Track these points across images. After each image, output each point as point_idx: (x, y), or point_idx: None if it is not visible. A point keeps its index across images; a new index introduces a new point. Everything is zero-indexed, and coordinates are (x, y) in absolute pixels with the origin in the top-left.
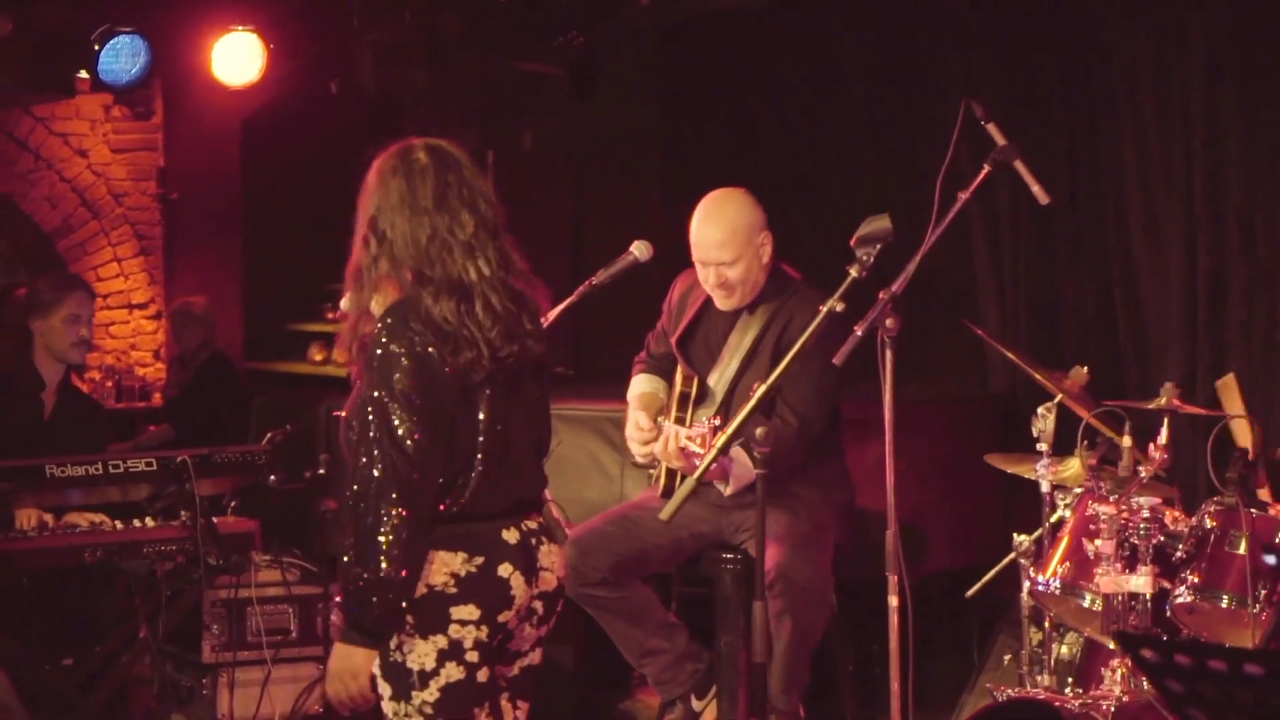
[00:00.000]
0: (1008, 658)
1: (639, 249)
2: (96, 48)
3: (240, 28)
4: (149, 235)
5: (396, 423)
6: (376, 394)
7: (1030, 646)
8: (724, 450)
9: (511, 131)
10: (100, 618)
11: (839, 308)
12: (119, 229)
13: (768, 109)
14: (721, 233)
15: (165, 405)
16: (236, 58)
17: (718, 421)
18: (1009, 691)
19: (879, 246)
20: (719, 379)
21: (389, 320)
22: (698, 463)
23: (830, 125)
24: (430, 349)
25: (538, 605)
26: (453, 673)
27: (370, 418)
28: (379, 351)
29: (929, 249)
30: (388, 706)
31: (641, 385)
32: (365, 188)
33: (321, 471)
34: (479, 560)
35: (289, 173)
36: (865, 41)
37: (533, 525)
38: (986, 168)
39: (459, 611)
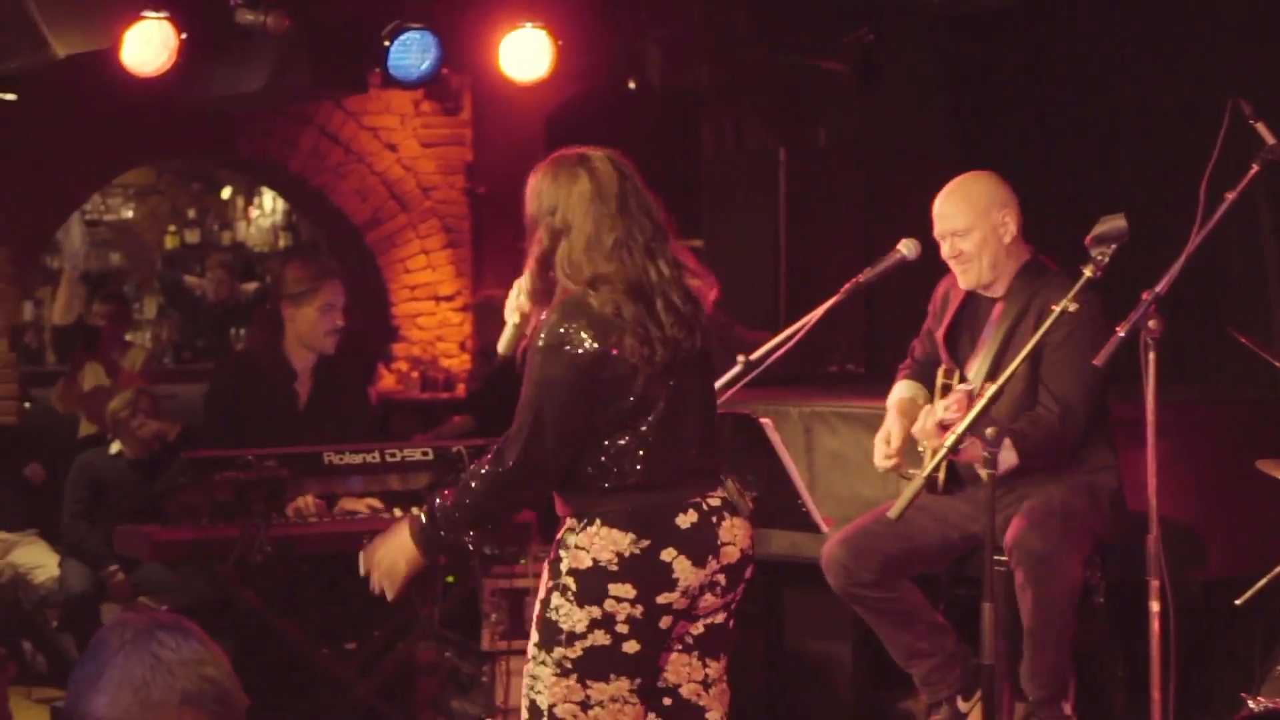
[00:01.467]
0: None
1: (906, 247)
2: (386, 44)
3: (529, 24)
4: (456, 229)
5: (547, 412)
6: (537, 381)
7: None
8: (953, 450)
9: (805, 129)
10: (381, 604)
11: (1071, 308)
12: (427, 222)
13: (1057, 104)
14: (956, 202)
15: (468, 397)
16: (526, 54)
17: (973, 388)
18: (1266, 703)
19: (1114, 246)
20: (977, 372)
21: (557, 317)
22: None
23: (1120, 120)
24: (595, 345)
25: (720, 578)
26: (599, 639)
27: (529, 403)
28: (541, 345)
29: (1193, 250)
30: (530, 649)
31: (901, 391)
32: (535, 189)
33: None
34: (645, 543)
35: None
36: (1146, 38)
37: (715, 502)
38: (1255, 167)
39: (616, 589)
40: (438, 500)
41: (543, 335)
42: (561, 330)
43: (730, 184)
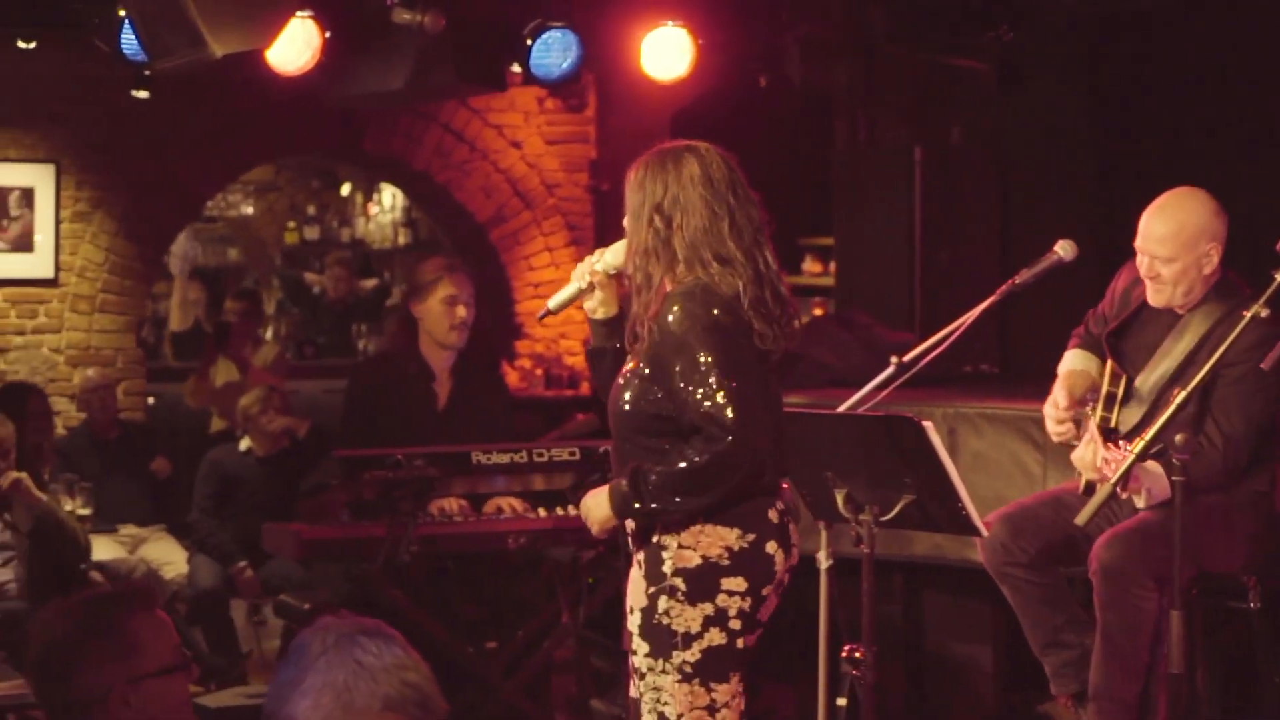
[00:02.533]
0: None
1: (1063, 248)
2: (528, 42)
3: (670, 22)
4: (580, 226)
5: (741, 386)
6: (719, 363)
7: None
8: (1141, 457)
9: (940, 127)
10: (524, 603)
11: (1263, 313)
12: (551, 219)
13: (1204, 105)
14: (1166, 229)
15: (592, 394)
16: (666, 52)
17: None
18: None
19: None
20: (1146, 381)
21: (687, 295)
22: (1107, 473)
23: (1270, 121)
24: (731, 319)
25: (786, 577)
26: (715, 637)
27: (720, 385)
28: (680, 317)
29: None
30: (642, 663)
31: (1072, 361)
32: (640, 179)
33: None
34: (750, 537)
35: None
36: None
37: (783, 505)
38: None
39: (729, 583)
40: (647, 472)
41: (691, 317)
42: (715, 312)
43: (863, 182)
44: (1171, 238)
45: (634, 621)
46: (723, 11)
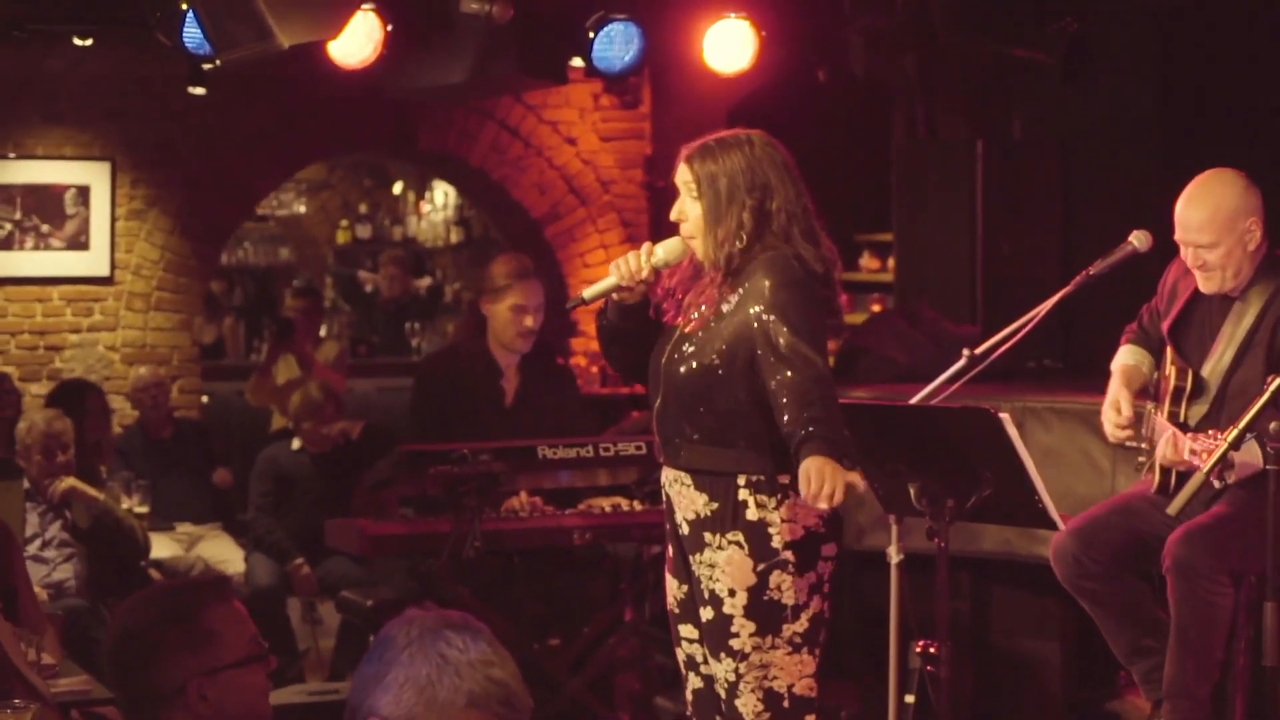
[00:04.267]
0: None
1: (1138, 239)
2: (590, 35)
3: (733, 15)
4: (635, 223)
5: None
6: (796, 316)
7: None
8: (1235, 445)
9: (1001, 120)
10: (588, 599)
11: None
12: (606, 216)
13: (1271, 94)
14: (1202, 215)
15: (648, 391)
16: (728, 45)
17: (1207, 440)
18: None
19: None
20: (1212, 370)
21: (786, 264)
22: (1197, 463)
23: None
24: (824, 294)
25: None
26: (816, 605)
27: (791, 332)
28: (781, 282)
29: None
30: (746, 642)
31: (1126, 356)
32: (716, 156)
33: None
34: None
35: None
36: None
37: None
38: None
39: (826, 549)
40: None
41: (793, 284)
42: (799, 273)
43: (923, 176)
44: (1209, 223)
45: (736, 603)
46: (785, 3)
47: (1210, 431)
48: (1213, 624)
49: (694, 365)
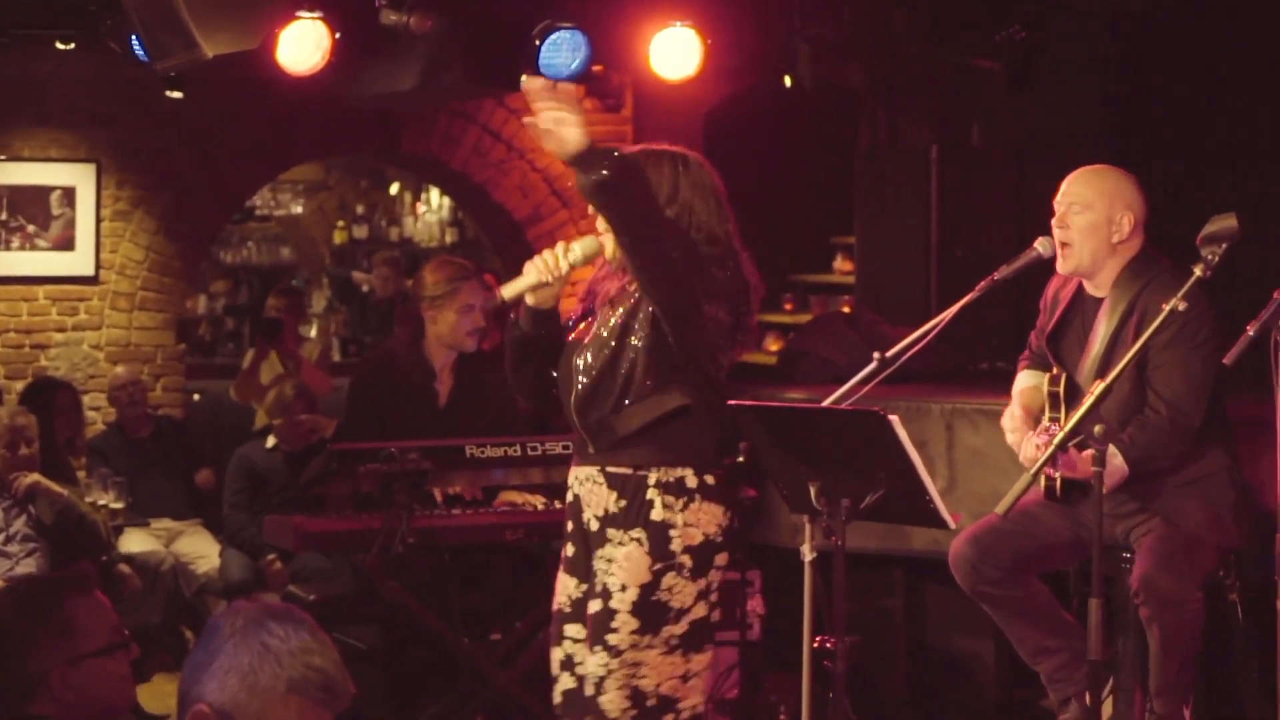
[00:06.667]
0: None
1: (1042, 245)
2: (537, 43)
3: (679, 23)
4: None
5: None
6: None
7: None
8: (1061, 447)
9: (958, 127)
10: (528, 595)
11: (1181, 307)
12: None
13: (1219, 101)
14: (1086, 180)
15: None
16: (675, 52)
17: (1055, 427)
18: None
19: (1225, 246)
20: (1086, 373)
21: None
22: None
23: (1272, 117)
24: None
25: None
26: (699, 610)
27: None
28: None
29: None
30: (624, 639)
31: (1023, 380)
32: (651, 165)
33: (741, 460)
34: (731, 513)
35: (749, 165)
36: None
37: None
38: None
39: (719, 559)
40: None
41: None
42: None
43: (883, 182)
44: (1089, 187)
45: (625, 599)
46: (733, 11)
47: (1045, 427)
48: (1193, 628)
49: (600, 364)
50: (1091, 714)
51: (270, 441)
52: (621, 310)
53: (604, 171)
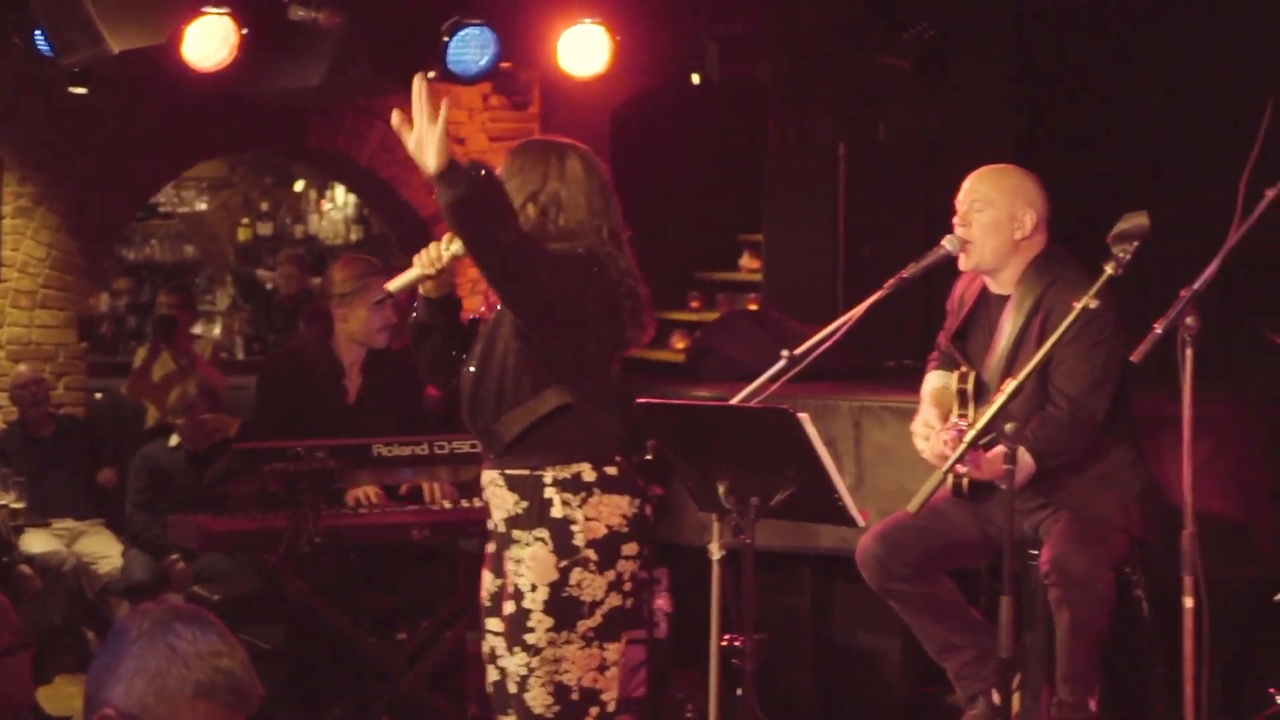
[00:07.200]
0: None
1: (951, 242)
2: (445, 39)
3: (588, 20)
4: None
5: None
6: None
7: None
8: (973, 444)
9: (867, 124)
10: (436, 594)
11: (1093, 304)
12: None
13: (1126, 100)
14: (987, 178)
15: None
16: (584, 50)
17: (964, 424)
18: None
19: (1136, 244)
20: (993, 371)
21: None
22: (956, 462)
23: (1176, 117)
24: None
25: None
26: (613, 600)
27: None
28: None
29: (1232, 247)
30: (542, 637)
31: (932, 381)
32: (528, 156)
33: (650, 458)
34: (638, 501)
35: (656, 163)
36: (1200, 35)
37: None
38: None
39: (627, 549)
40: None
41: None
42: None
43: (791, 179)
44: (990, 185)
45: (536, 598)
46: (642, 9)
47: (954, 424)
48: (1103, 610)
49: (478, 373)
50: (1003, 712)
51: (173, 440)
52: (495, 317)
53: (460, 192)
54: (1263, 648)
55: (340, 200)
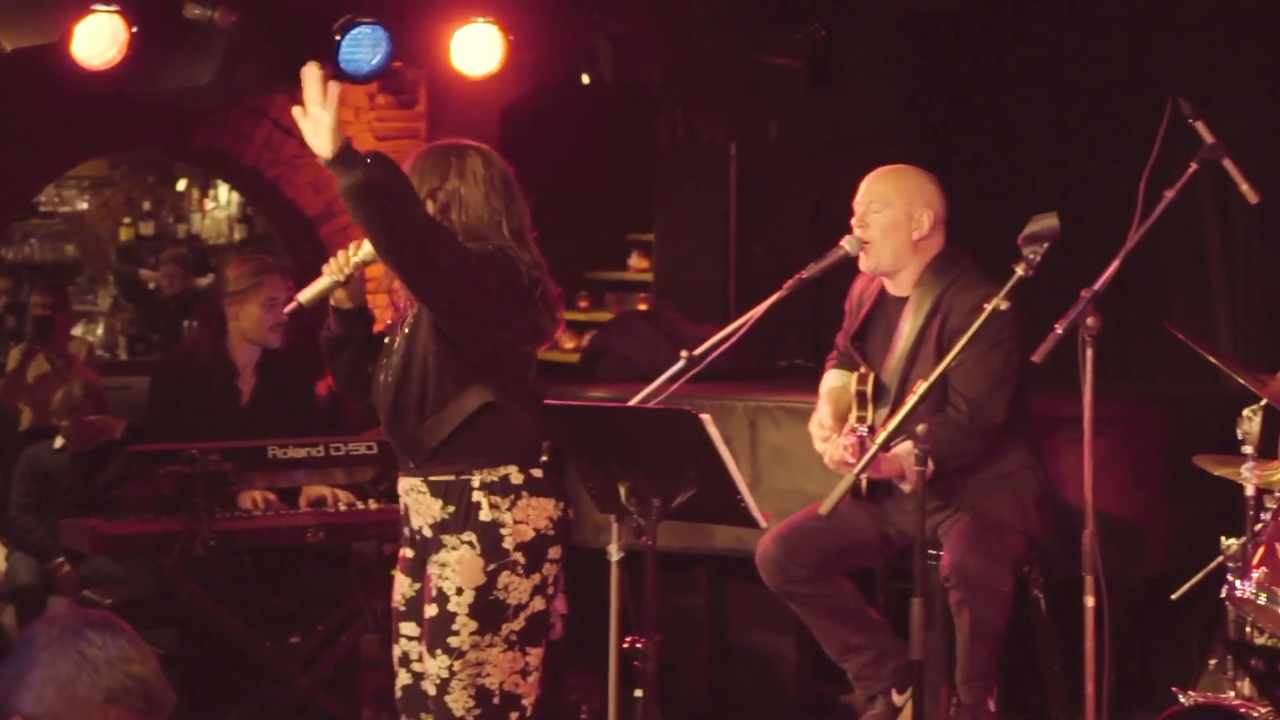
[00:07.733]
0: (1213, 662)
1: (849, 243)
2: (337, 38)
3: (480, 19)
4: None
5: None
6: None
7: None
8: (884, 448)
9: (756, 124)
10: (331, 597)
11: (1003, 306)
12: None
13: (1007, 103)
14: (884, 179)
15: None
16: (477, 49)
17: (865, 430)
18: (1197, 698)
19: (1046, 245)
20: (892, 372)
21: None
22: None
23: (1068, 119)
24: None
25: None
26: (537, 604)
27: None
28: None
29: (1131, 248)
30: (465, 640)
31: (831, 380)
32: (431, 161)
33: (545, 459)
34: (562, 504)
35: (544, 162)
36: (1093, 37)
37: None
38: (1193, 166)
39: (552, 552)
40: None
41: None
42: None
43: (682, 178)
44: (888, 185)
45: (462, 601)
46: (535, 8)
47: (853, 427)
48: (1002, 612)
49: (396, 380)
50: (918, 712)
51: (58, 442)
52: (407, 321)
53: (358, 175)
54: (1159, 646)
55: (223, 199)
